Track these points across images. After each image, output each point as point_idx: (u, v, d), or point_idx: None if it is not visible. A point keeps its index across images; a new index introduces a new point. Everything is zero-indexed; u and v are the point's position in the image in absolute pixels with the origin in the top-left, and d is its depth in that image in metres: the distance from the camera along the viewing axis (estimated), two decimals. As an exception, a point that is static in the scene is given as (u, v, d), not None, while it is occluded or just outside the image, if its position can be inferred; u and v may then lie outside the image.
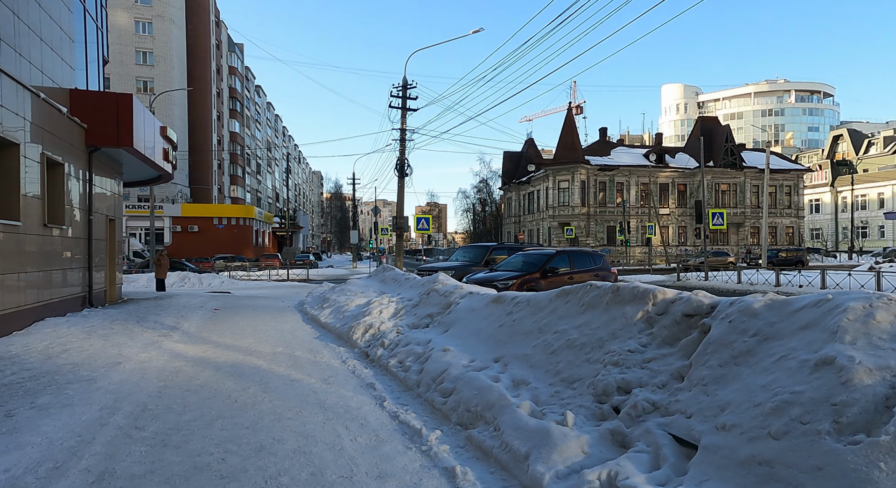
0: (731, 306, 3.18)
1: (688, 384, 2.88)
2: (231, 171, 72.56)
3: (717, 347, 2.90)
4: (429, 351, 5.57)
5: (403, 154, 25.18)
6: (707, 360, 2.89)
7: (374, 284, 12.53)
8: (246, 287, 25.65)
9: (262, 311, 12.66)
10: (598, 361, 3.65)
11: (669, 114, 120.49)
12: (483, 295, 6.55)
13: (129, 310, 11.85)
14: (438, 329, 6.48)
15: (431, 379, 4.83)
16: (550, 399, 3.55)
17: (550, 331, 4.52)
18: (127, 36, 55.16)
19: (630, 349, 3.52)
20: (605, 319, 4.03)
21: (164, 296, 16.58)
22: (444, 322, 6.57)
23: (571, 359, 3.92)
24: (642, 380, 3.21)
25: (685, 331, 3.42)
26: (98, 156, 12.95)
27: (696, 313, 3.41)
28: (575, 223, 51.76)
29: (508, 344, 4.89)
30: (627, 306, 3.95)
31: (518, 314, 5.22)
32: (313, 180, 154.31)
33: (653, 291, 3.92)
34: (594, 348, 3.83)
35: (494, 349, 4.97)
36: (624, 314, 3.90)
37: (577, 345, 3.99)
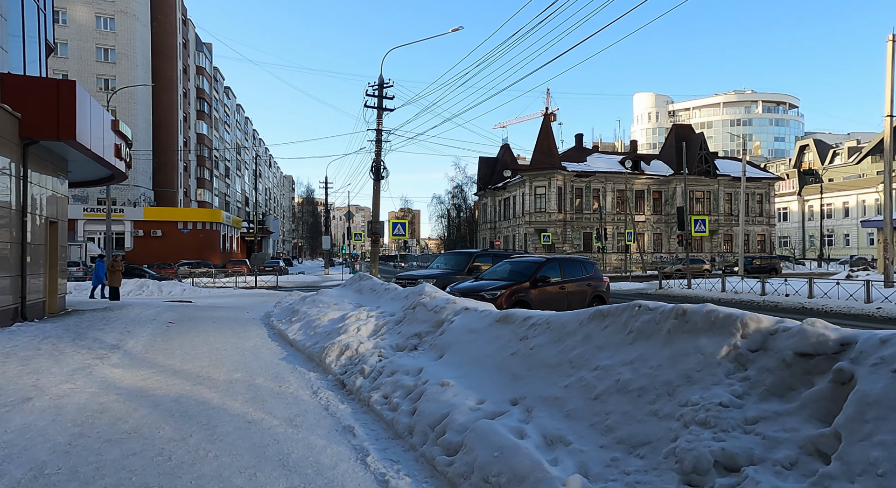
0: (885, 346, 2.19)
1: (843, 469, 1.88)
2: (198, 174, 70.08)
3: (888, 412, 1.92)
4: (421, 383, 4.48)
5: (379, 156, 24.03)
6: (872, 433, 1.90)
7: (349, 295, 11.35)
8: (210, 295, 24.05)
9: (223, 325, 11.35)
10: (673, 416, 2.64)
11: (641, 122, 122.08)
12: (483, 312, 5.49)
13: (69, 325, 10.41)
14: (430, 354, 5.38)
15: (429, 425, 3.74)
16: (606, 470, 2.53)
17: (587, 365, 3.49)
18: (87, 31, 52.67)
19: (721, 402, 2.51)
20: (670, 354, 3.02)
21: (115, 306, 15.04)
22: (436, 345, 5.48)
23: (628, 409, 2.90)
24: (753, 454, 2.20)
25: (803, 379, 2.43)
26: (36, 151, 11.48)
27: (819, 352, 2.43)
28: (552, 229, 51.27)
29: (528, 380, 3.83)
30: (703, 337, 2.95)
31: (536, 339, 4.18)
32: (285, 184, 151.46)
33: (740, 318, 2.92)
34: (661, 396, 2.81)
35: (509, 386, 3.91)
36: (698, 348, 2.90)
37: (634, 390, 2.96)
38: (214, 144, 76.09)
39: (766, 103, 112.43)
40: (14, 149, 10.47)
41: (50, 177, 12.44)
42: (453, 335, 5.37)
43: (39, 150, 11.69)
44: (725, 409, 2.48)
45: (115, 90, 35.78)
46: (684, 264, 45.21)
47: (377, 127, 23.83)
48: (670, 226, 55.55)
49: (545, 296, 11.95)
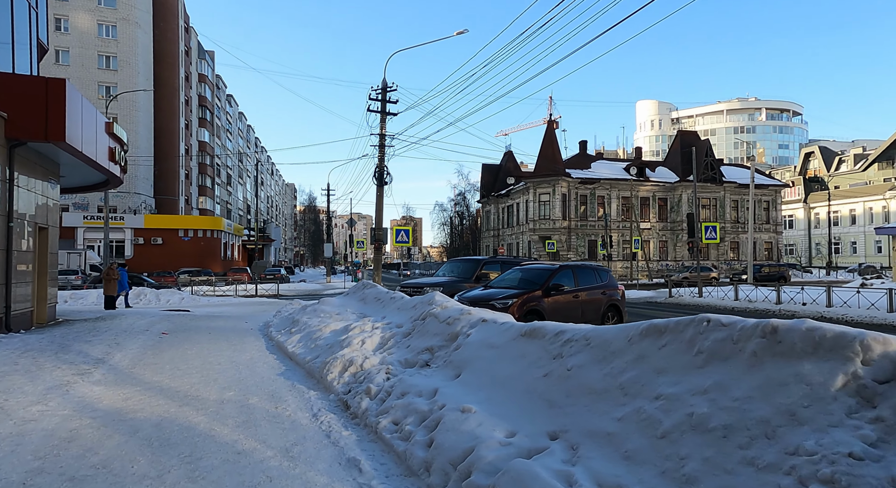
0: None
1: None
2: (200, 182, 69.72)
3: None
4: (437, 409, 3.87)
5: (382, 161, 23.51)
6: None
7: (352, 304, 10.75)
8: (209, 304, 23.45)
9: (220, 335, 10.74)
10: (779, 468, 2.01)
11: (644, 129, 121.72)
12: (504, 324, 4.88)
13: (55, 336, 9.82)
14: (445, 372, 4.77)
15: (450, 461, 3.13)
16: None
17: (645, 393, 2.89)
18: (89, 39, 52.50)
19: (851, 452, 1.90)
20: (759, 384, 2.40)
21: (108, 315, 14.45)
22: (451, 361, 4.86)
23: (710, 454, 2.28)
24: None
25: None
26: (24, 153, 10.94)
27: None
28: (556, 237, 50.66)
29: (568, 408, 3.22)
30: (805, 362, 2.32)
31: (574, 359, 3.57)
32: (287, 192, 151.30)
33: (860, 338, 2.28)
34: (756, 438, 2.20)
35: (545, 415, 3.30)
36: (800, 376, 2.28)
37: (717, 430, 2.34)
38: (216, 152, 75.83)
39: (769, 111, 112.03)
40: (0, 152, 9.93)
41: (39, 181, 11.90)
42: (470, 350, 4.76)
43: (28, 153, 11.16)
44: (859, 463, 1.87)
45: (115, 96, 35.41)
46: (691, 272, 44.59)
47: (380, 131, 23.33)
48: (676, 234, 54.92)
49: (558, 305, 11.34)
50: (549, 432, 3.08)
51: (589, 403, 3.12)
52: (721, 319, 2.95)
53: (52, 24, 51.57)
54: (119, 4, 53.56)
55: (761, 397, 2.35)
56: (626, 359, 3.21)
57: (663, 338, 3.14)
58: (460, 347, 4.99)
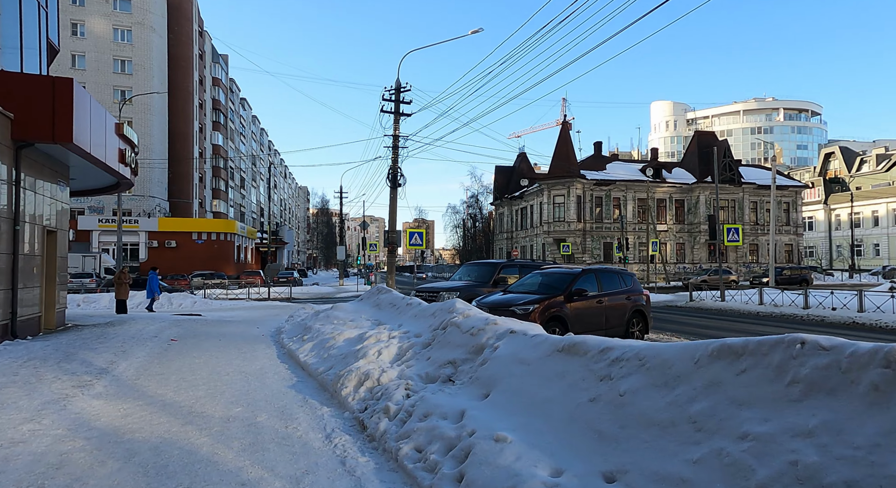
0: None
1: None
2: (213, 185, 70.01)
3: None
4: (467, 435, 3.41)
5: (396, 162, 23.14)
6: None
7: (366, 310, 10.33)
8: (221, 308, 23.20)
9: (229, 343, 10.38)
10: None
11: (659, 130, 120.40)
12: (536, 337, 4.40)
13: (61, 343, 9.51)
14: (471, 389, 4.31)
15: (485, 504, 2.67)
16: None
17: (726, 430, 2.40)
18: (104, 43, 52.92)
19: None
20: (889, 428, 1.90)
21: (118, 321, 14.19)
22: (478, 378, 4.40)
23: (831, 519, 1.81)
24: None
25: None
26: (32, 155, 10.69)
27: None
28: (571, 239, 49.97)
29: (625, 443, 2.75)
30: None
31: (626, 382, 3.09)
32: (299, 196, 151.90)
33: None
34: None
35: (596, 450, 2.83)
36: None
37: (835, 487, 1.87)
38: (230, 155, 76.14)
39: (787, 111, 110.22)
40: (5, 152, 9.67)
41: (48, 183, 11.65)
42: (499, 366, 4.30)
43: (36, 155, 10.91)
44: None
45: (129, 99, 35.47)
46: (711, 274, 43.66)
47: (394, 132, 22.96)
48: (693, 236, 53.97)
49: (582, 311, 10.83)
50: (603, 473, 2.61)
51: (651, 438, 2.65)
52: (820, 341, 2.45)
53: (68, 28, 52.05)
54: (134, 9, 53.93)
55: (890, 445, 1.86)
56: (695, 385, 2.73)
57: (741, 362, 2.65)
58: (487, 362, 4.53)
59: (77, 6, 52.60)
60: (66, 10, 52.10)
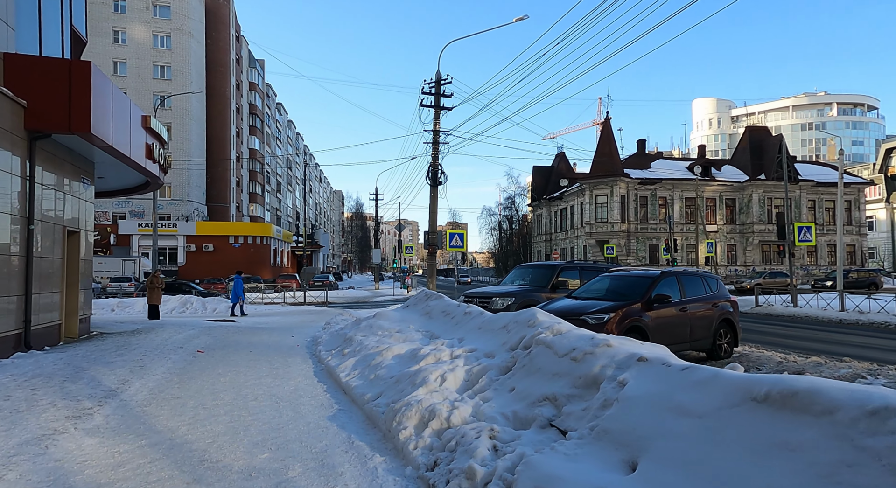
0: None
1: None
2: (250, 189, 70.38)
3: None
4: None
5: (436, 159, 21.89)
6: None
7: (414, 318, 9.02)
8: (255, 313, 22.35)
9: (261, 355, 9.22)
10: None
11: (702, 128, 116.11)
12: (690, 370, 2.96)
13: (76, 356, 8.51)
14: (598, 448, 2.91)
15: None
16: None
17: None
18: (145, 50, 53.57)
19: None
20: None
21: (147, 328, 13.29)
22: (605, 431, 2.99)
23: None
24: None
25: None
26: (49, 148, 9.80)
27: None
28: (615, 241, 47.81)
29: None
30: None
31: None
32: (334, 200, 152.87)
33: None
34: None
35: None
36: None
37: None
38: (266, 159, 76.55)
39: (841, 105, 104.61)
40: (18, 144, 8.75)
41: (69, 180, 10.77)
42: (638, 414, 2.89)
43: (55, 148, 10.02)
44: None
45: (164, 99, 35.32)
46: (765, 278, 40.87)
47: (434, 127, 21.73)
48: (746, 237, 51.05)
49: (664, 320, 9.27)
50: None
51: None
52: None
53: (110, 36, 52.90)
54: (173, 15, 54.48)
55: None
56: None
57: None
58: (612, 404, 3.13)
59: (119, 14, 53.43)
60: (108, 18, 53.01)
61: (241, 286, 19.38)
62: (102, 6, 52.77)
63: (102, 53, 51.08)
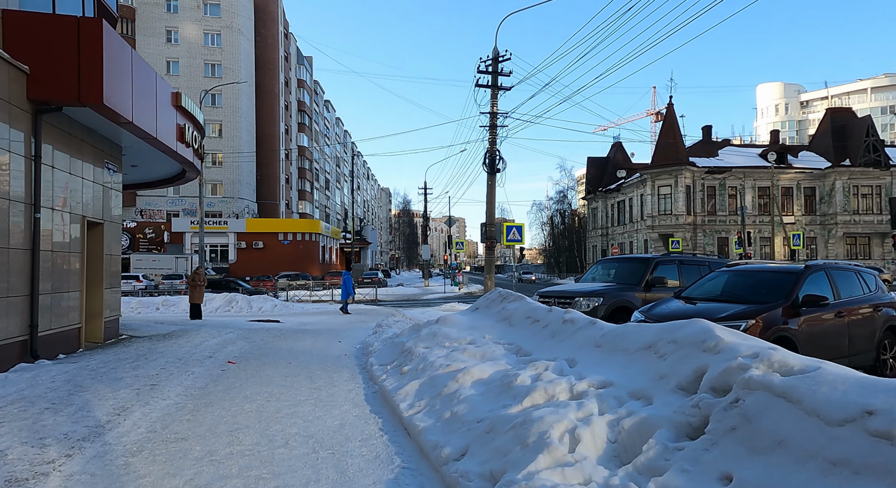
0: None
1: None
2: (299, 186, 70.38)
3: None
4: None
5: (494, 144, 19.96)
6: None
7: (489, 325, 7.16)
8: (302, 311, 21.09)
9: (301, 367, 7.60)
10: None
11: (767, 115, 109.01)
12: None
13: (85, 368, 7.11)
14: None
15: None
16: None
17: None
18: (196, 48, 53.93)
19: None
20: None
21: (181, 330, 12.01)
22: None
23: None
24: None
25: None
26: (63, 125, 8.48)
27: None
28: (679, 234, 44.47)
29: None
30: None
31: None
32: (382, 197, 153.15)
33: None
34: None
35: None
36: None
37: None
38: (315, 157, 76.50)
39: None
40: (20, 117, 7.41)
41: (89, 164, 9.47)
42: None
43: (71, 126, 8.71)
44: None
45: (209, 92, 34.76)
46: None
47: (491, 109, 19.79)
48: (827, 229, 46.60)
49: (816, 329, 7.06)
50: None
51: None
52: None
53: (163, 35, 53.51)
54: (223, 12, 54.63)
55: None
56: None
57: None
58: None
59: (171, 13, 53.98)
60: (161, 18, 53.64)
61: (351, 282, 18.05)
62: (155, 6, 53.42)
63: (156, 53, 51.67)
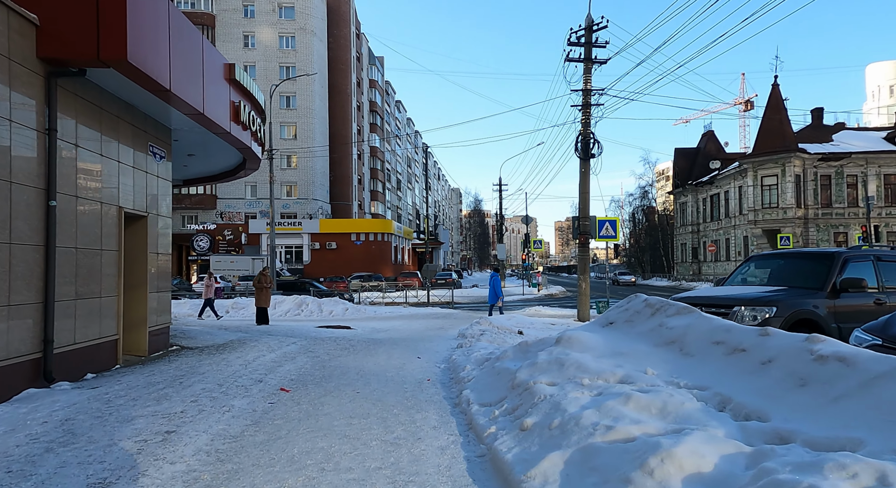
0: None
1: None
2: (371, 187, 70.07)
3: None
4: None
5: (588, 126, 17.42)
6: None
7: (644, 351, 4.85)
8: (375, 315, 19.46)
9: (372, 402, 5.65)
10: None
11: (879, 98, 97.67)
12: None
13: (94, 400, 5.50)
14: None
15: None
16: None
17: None
18: (271, 52, 54.53)
19: None
20: None
21: (240, 340, 10.51)
22: None
23: None
24: None
25: None
26: (92, 96, 7.03)
27: None
28: (789, 229, 39.49)
29: None
30: None
31: None
32: (452, 197, 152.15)
33: None
34: None
35: None
36: None
37: None
38: (386, 157, 76.12)
39: None
40: (27, 79, 5.94)
41: (127, 147, 8.02)
42: None
43: (102, 98, 7.26)
44: None
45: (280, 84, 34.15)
46: None
47: (584, 86, 17.26)
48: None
49: None
50: None
51: None
52: None
53: (240, 40, 54.52)
54: (297, 15, 54.94)
55: None
56: None
57: None
58: None
59: (248, 18, 54.92)
60: (238, 24, 54.68)
61: (500, 284, 16.34)
62: (234, 13, 54.54)
63: (234, 59, 52.61)
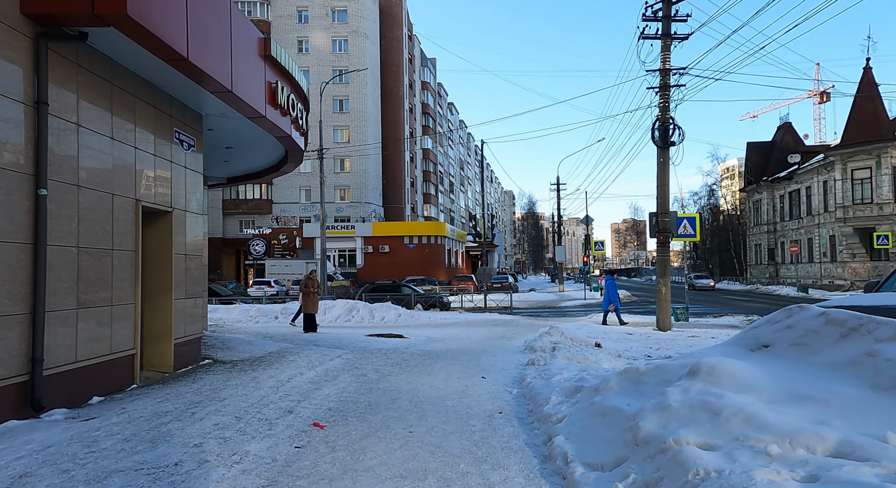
0: None
1: None
2: (424, 190, 69.25)
3: None
4: None
5: (667, 111, 15.46)
6: None
7: (842, 393, 3.17)
8: (429, 322, 18.09)
9: (429, 451, 4.21)
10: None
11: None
12: None
13: (73, 443, 4.32)
14: None
15: None
16: None
17: None
18: (325, 56, 54.58)
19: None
20: None
21: (280, 352, 9.34)
22: None
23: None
24: None
25: None
26: (96, 65, 5.97)
27: None
28: (885, 227, 35.47)
29: None
30: None
31: None
32: (505, 199, 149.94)
33: None
34: None
35: None
36: None
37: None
38: (439, 159, 75.17)
39: None
40: (13, 42, 4.86)
41: (147, 132, 6.95)
42: None
43: (114, 74, 6.19)
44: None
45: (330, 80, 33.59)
46: None
47: (662, 65, 15.30)
48: None
49: None
50: None
51: None
52: None
53: (295, 46, 54.87)
54: (350, 18, 54.81)
55: None
56: None
57: None
58: None
59: (302, 23, 55.25)
60: (293, 30, 55.09)
61: (615, 289, 14.98)
62: (288, 18, 55.01)
63: (287, 64, 53.06)
